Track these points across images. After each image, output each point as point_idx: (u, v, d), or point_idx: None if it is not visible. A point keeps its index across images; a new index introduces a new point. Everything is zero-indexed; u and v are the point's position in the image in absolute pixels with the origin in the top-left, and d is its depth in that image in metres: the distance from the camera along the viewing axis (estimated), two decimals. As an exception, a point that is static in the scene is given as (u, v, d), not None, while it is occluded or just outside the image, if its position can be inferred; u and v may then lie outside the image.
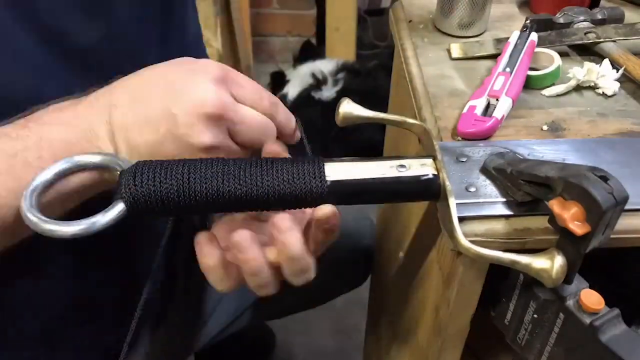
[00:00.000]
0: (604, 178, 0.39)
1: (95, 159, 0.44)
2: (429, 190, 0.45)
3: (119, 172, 0.43)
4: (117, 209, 0.41)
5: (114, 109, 0.46)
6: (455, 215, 0.43)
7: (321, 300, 1.12)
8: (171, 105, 0.45)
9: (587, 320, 0.42)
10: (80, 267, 0.64)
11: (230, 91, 0.48)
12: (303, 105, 1.98)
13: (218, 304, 0.92)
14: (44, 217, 0.40)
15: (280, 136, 0.52)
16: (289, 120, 0.53)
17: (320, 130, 1.87)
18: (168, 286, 0.81)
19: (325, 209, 0.43)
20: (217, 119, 0.46)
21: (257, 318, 1.01)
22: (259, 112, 0.49)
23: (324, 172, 0.44)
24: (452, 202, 0.43)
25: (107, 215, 0.41)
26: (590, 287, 0.44)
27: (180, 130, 0.45)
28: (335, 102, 0.52)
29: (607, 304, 0.43)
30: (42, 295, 0.63)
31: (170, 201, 0.42)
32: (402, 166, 0.46)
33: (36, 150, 0.44)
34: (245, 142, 0.49)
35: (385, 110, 0.86)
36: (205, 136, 0.45)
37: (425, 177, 0.45)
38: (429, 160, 0.46)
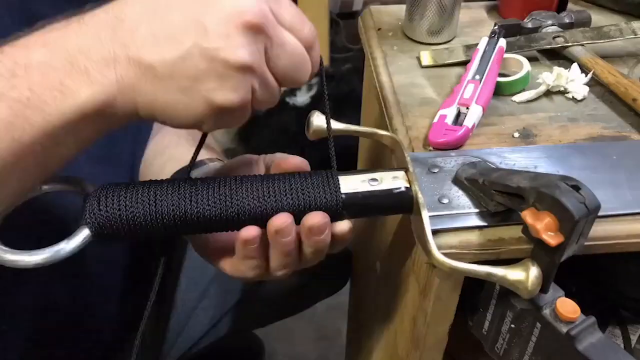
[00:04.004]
0: (576, 187, 0.39)
1: (59, 183, 0.43)
2: (402, 204, 0.45)
3: (82, 197, 0.42)
4: (82, 235, 0.40)
5: (119, 23, 0.38)
6: (429, 229, 0.42)
7: (302, 306, 1.11)
8: (199, 14, 0.37)
9: (564, 329, 0.42)
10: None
11: (270, 7, 0.39)
12: (277, 111, 1.97)
13: (192, 315, 0.91)
14: (4, 247, 0.38)
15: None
16: (318, 61, 0.45)
17: (295, 136, 1.86)
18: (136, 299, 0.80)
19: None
20: (257, 32, 0.38)
21: (236, 327, 1.00)
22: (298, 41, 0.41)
23: (297, 190, 0.43)
24: (425, 215, 0.43)
25: (71, 242, 0.40)
26: (565, 286, 0.44)
27: (212, 42, 0.37)
28: (310, 107, 0.50)
29: (582, 303, 0.43)
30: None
31: (137, 225, 0.41)
32: (374, 180, 0.45)
33: (9, 77, 0.36)
34: (278, 74, 0.41)
35: (359, 114, 0.86)
36: (243, 51, 0.37)
37: (398, 191, 0.45)
38: (401, 173, 0.46)
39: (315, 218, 0.43)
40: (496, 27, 0.64)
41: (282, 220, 0.43)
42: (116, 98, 0.37)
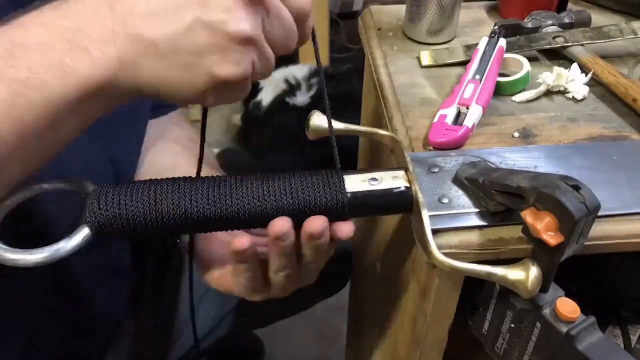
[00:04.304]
0: (576, 187, 0.39)
1: (59, 183, 0.43)
2: (402, 204, 0.45)
3: (82, 196, 0.42)
4: (82, 234, 0.40)
5: (116, 1, 0.38)
6: (429, 229, 0.42)
7: (302, 307, 1.11)
8: None
9: (564, 329, 0.42)
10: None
11: None
12: (277, 111, 1.97)
13: (196, 310, 0.91)
14: (4, 246, 0.38)
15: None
16: (310, 31, 0.44)
17: (295, 136, 1.86)
18: (135, 297, 0.80)
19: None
20: (257, 4, 0.38)
21: (236, 327, 1.00)
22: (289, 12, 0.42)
23: (297, 189, 0.43)
24: (425, 214, 0.43)
25: (71, 241, 0.40)
26: (565, 286, 0.44)
27: (214, 15, 0.37)
28: (310, 107, 0.50)
29: (582, 303, 0.43)
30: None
31: (137, 224, 0.41)
32: (374, 179, 0.45)
33: (7, 58, 0.36)
34: (272, 44, 0.41)
35: (359, 113, 0.86)
36: (245, 23, 0.37)
37: (398, 190, 0.45)
38: (401, 172, 0.46)
39: (315, 224, 0.44)
40: (496, 27, 0.64)
41: (280, 224, 0.43)
42: (117, 75, 0.37)
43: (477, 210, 0.46)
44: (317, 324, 1.56)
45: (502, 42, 0.61)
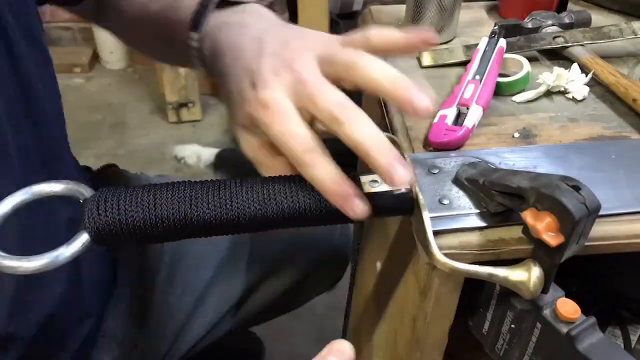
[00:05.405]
0: (576, 187, 0.39)
1: (57, 188, 0.42)
2: (403, 205, 0.45)
3: (81, 202, 0.41)
4: (81, 239, 0.40)
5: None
6: (430, 230, 0.42)
7: (296, 302, 1.11)
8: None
9: (564, 329, 0.42)
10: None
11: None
12: (277, 111, 1.97)
13: (188, 320, 0.90)
14: (2, 254, 0.38)
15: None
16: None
17: (295, 136, 1.86)
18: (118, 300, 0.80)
19: None
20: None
21: (235, 326, 1.00)
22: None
23: (297, 192, 0.43)
24: (426, 216, 0.43)
25: (71, 247, 0.39)
26: (566, 286, 0.44)
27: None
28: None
29: (582, 303, 0.43)
30: None
31: (137, 229, 0.41)
32: (375, 181, 0.45)
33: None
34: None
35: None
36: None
37: (398, 192, 0.45)
38: (402, 174, 0.46)
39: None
40: (496, 27, 0.64)
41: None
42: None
43: (478, 211, 0.46)
44: (317, 324, 1.56)
45: (502, 42, 0.61)
